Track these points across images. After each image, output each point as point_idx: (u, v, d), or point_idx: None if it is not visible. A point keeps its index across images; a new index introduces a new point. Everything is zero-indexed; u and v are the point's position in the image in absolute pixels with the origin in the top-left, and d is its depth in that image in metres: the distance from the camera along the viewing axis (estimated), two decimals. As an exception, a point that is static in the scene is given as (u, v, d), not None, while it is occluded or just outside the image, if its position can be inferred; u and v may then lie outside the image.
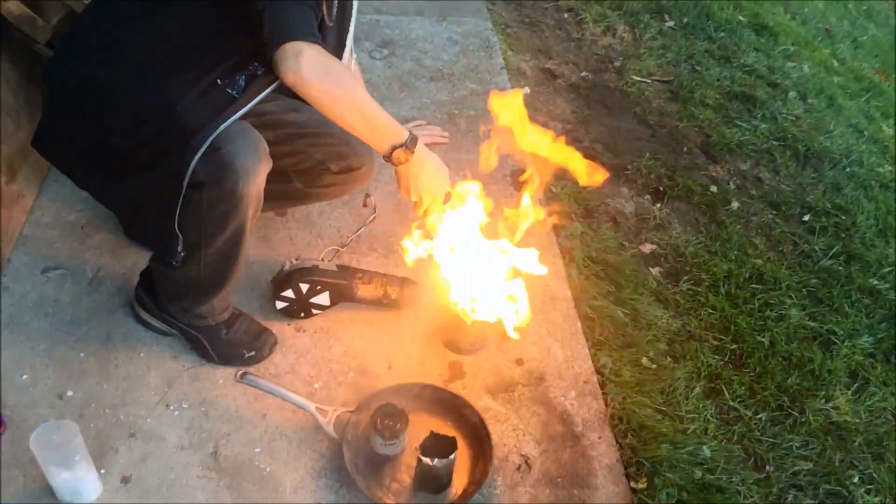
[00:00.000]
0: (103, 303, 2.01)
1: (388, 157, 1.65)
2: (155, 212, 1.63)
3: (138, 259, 1.96)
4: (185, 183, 1.53)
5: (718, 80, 3.54)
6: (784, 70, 3.77)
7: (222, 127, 1.53)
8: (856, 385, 2.30)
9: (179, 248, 1.66)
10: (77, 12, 2.26)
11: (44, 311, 1.97)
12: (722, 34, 3.91)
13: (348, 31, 1.92)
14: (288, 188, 2.04)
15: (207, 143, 1.51)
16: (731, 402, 2.17)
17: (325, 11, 1.71)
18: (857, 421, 2.20)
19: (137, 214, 1.87)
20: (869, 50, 4.76)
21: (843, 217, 2.92)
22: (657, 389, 2.14)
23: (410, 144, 1.63)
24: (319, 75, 1.47)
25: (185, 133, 1.52)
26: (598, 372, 2.10)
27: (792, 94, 3.60)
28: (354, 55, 2.16)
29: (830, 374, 2.31)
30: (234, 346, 1.91)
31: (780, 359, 2.33)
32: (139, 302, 1.93)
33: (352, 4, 1.90)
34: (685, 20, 3.95)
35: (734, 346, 2.34)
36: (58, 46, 1.70)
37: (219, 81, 1.58)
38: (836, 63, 4.19)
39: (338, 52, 1.89)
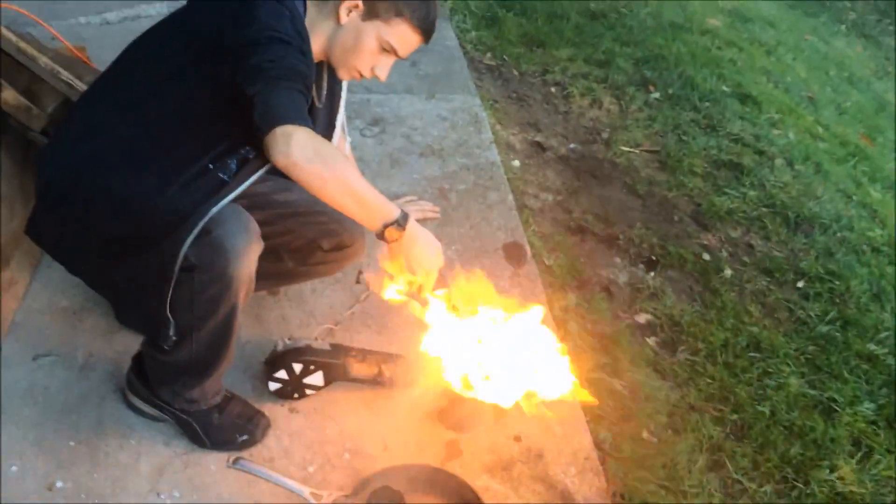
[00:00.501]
0: (94, 389, 1.98)
1: (380, 236, 1.63)
2: (146, 296, 1.63)
3: (130, 344, 1.94)
4: (177, 267, 1.53)
5: (705, 149, 3.60)
6: (770, 137, 3.84)
7: (214, 210, 1.54)
8: (860, 454, 2.27)
9: (171, 332, 1.65)
10: (72, 100, 2.30)
11: (34, 398, 1.95)
12: (707, 104, 3.98)
13: (338, 112, 1.96)
14: (280, 267, 2.04)
15: (199, 227, 1.52)
16: (734, 475, 2.13)
17: (314, 94, 1.75)
18: (863, 491, 2.16)
19: (129, 299, 1.86)
20: (853, 115, 4.87)
21: (837, 282, 2.93)
22: (659, 464, 2.10)
23: (402, 222, 1.61)
24: (309, 158, 1.46)
25: (176, 217, 1.53)
26: (598, 447, 2.07)
27: (779, 160, 3.65)
28: (348, 137, 2.19)
29: (833, 443, 2.28)
30: (227, 431, 1.88)
31: (781, 428, 2.30)
32: (130, 387, 1.91)
33: (341, 86, 1.95)
34: (670, 91, 4.03)
35: (735, 416, 2.31)
36: (50, 136, 1.72)
37: (210, 166, 1.60)
38: (821, 129, 4.27)
39: (328, 132, 1.92)
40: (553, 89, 3.90)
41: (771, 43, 5.43)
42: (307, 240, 1.98)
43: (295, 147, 1.44)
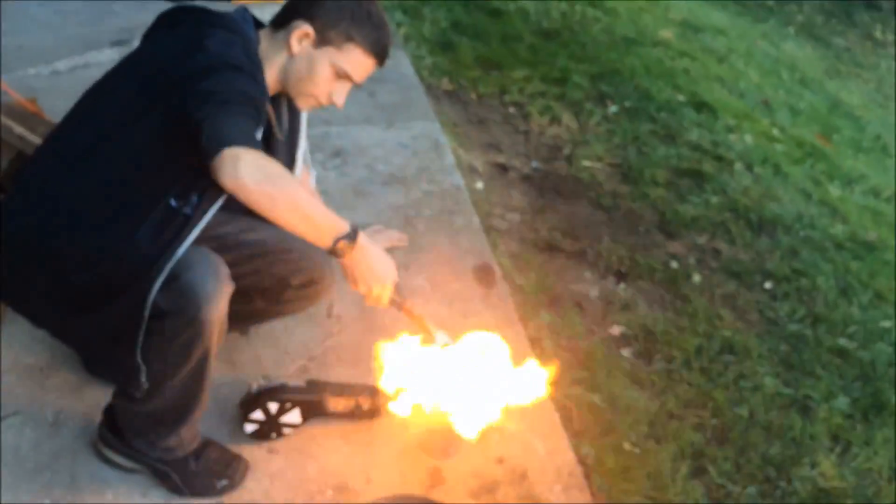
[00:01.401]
0: (66, 445, 1.94)
1: (332, 251, 1.60)
2: (116, 344, 1.60)
3: (100, 397, 1.91)
4: (146, 313, 1.52)
5: (666, 159, 3.64)
6: (728, 143, 3.90)
7: (180, 252, 1.53)
8: (838, 448, 2.29)
9: (143, 379, 1.63)
10: (26, 154, 2.28)
11: (4, 460, 1.89)
12: (664, 114, 4.04)
13: (298, 145, 1.96)
14: (250, 307, 2.02)
15: (166, 271, 1.51)
16: (717, 480, 2.14)
17: (273, 125, 1.74)
18: (845, 485, 2.18)
19: (99, 348, 1.83)
20: (808, 116, 4.97)
21: (804, 280, 2.97)
22: (643, 474, 2.11)
23: (353, 235, 1.59)
24: (257, 179, 1.43)
25: (144, 262, 1.52)
26: (582, 462, 2.07)
27: (738, 165, 3.71)
28: (312, 171, 2.18)
29: (812, 440, 2.30)
30: (206, 477, 1.84)
31: (760, 429, 2.32)
32: (103, 440, 1.87)
33: (300, 119, 1.95)
34: (627, 104, 4.08)
35: (714, 421, 2.33)
36: (6, 192, 1.71)
37: (173, 203, 1.57)
38: (777, 132, 4.35)
39: (289, 166, 1.91)
40: (512, 110, 3.93)
41: (722, 51, 5.54)
42: (277, 278, 1.96)
43: (243, 169, 1.41)
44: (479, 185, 3.25)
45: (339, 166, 3.13)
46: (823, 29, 7.53)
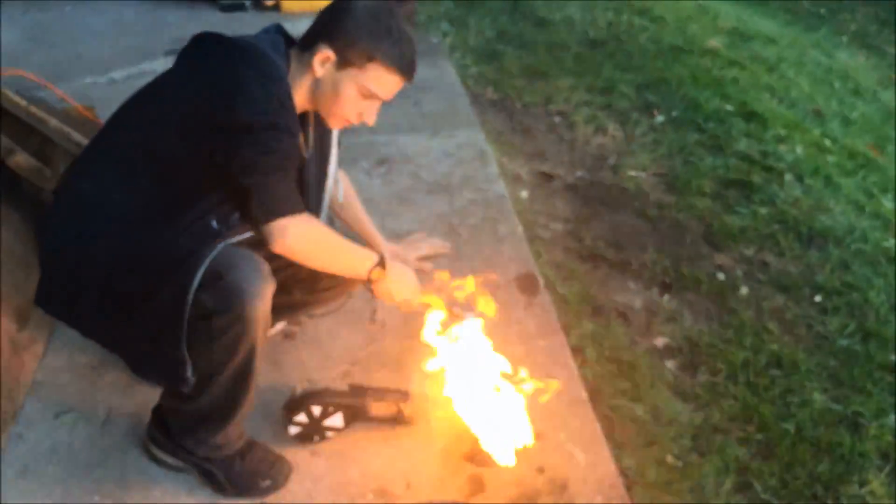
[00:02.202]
0: (117, 444, 2.00)
1: (369, 281, 1.82)
2: (162, 342, 1.63)
3: (149, 396, 1.96)
4: (189, 301, 1.55)
5: (713, 169, 3.60)
6: (777, 154, 3.84)
7: (221, 246, 1.59)
8: (888, 467, 2.23)
9: (189, 375, 1.66)
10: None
11: (57, 456, 1.96)
12: (711, 124, 3.99)
13: (329, 160, 1.98)
14: (290, 300, 2.05)
15: (207, 262, 1.56)
16: (763, 496, 2.10)
17: (301, 147, 1.79)
18: (895, 505, 2.12)
19: (145, 349, 1.86)
20: (860, 127, 4.85)
21: (855, 295, 2.90)
22: (686, 488, 2.08)
23: (381, 263, 1.81)
24: (302, 247, 1.66)
25: (185, 259, 1.56)
26: (623, 474, 2.05)
27: (788, 176, 3.64)
28: (341, 183, 2.19)
29: (862, 458, 2.25)
30: (250, 477, 1.88)
31: (808, 445, 2.27)
32: (152, 439, 1.92)
33: (331, 134, 1.96)
34: (674, 114, 4.05)
35: (760, 435, 2.29)
36: (48, 205, 1.76)
37: (214, 224, 1.65)
38: (828, 142, 4.26)
39: (319, 182, 1.95)
40: (557, 119, 3.93)
41: (773, 60, 5.45)
42: (311, 268, 1.99)
43: (290, 239, 1.63)
44: (524, 193, 3.25)
45: (384, 174, 3.16)
46: (877, 38, 7.36)
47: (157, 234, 1.61)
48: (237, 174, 1.58)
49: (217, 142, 1.56)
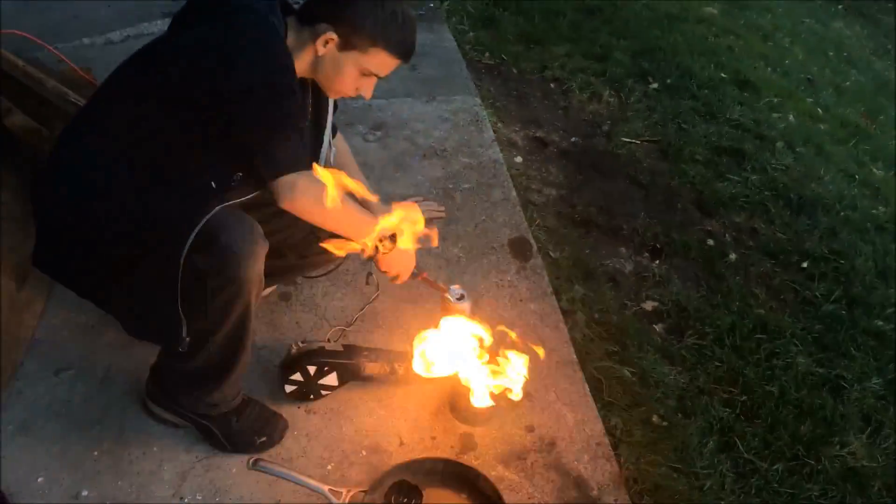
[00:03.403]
0: (115, 400, 2.03)
1: (373, 251, 1.88)
2: (157, 300, 1.66)
3: (148, 354, 1.98)
4: (183, 259, 1.56)
5: (706, 137, 3.62)
6: (770, 122, 3.86)
7: (217, 208, 1.60)
8: (870, 429, 2.30)
9: (184, 334, 1.69)
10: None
11: (57, 412, 2.00)
12: (705, 91, 4.01)
13: (325, 127, 2.00)
14: (283, 263, 2.09)
15: (200, 224, 1.56)
16: (745, 455, 2.16)
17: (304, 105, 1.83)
18: (874, 465, 2.19)
19: (141, 309, 1.88)
20: (853, 96, 4.87)
21: (842, 261, 2.95)
22: (670, 447, 2.14)
23: (393, 238, 1.88)
24: (310, 204, 1.66)
25: (180, 217, 1.58)
26: (610, 433, 2.10)
27: (780, 144, 3.67)
28: (333, 148, 2.21)
29: (843, 420, 2.31)
30: (246, 434, 1.92)
31: (791, 407, 2.33)
32: (150, 396, 1.96)
33: (327, 102, 1.98)
34: (668, 81, 4.06)
35: (744, 397, 2.34)
36: (42, 166, 1.77)
37: (213, 185, 1.67)
38: (820, 111, 4.29)
39: (315, 149, 1.97)
40: (552, 85, 3.93)
41: (768, 28, 5.45)
42: (305, 232, 2.02)
43: (298, 195, 1.64)
44: (518, 159, 3.27)
45: (380, 139, 3.17)
46: (872, 7, 7.34)
47: (152, 195, 1.62)
48: (242, 134, 1.60)
49: (219, 106, 1.57)
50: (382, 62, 1.74)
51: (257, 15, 1.64)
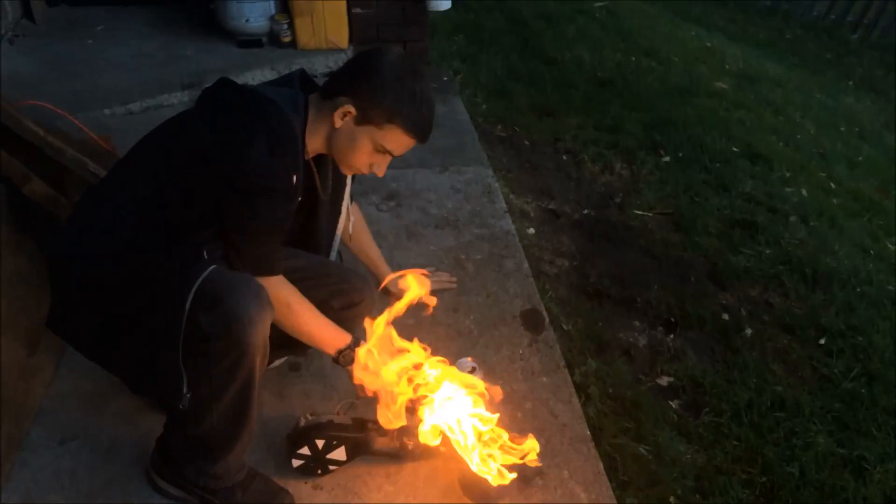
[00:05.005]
0: (120, 472, 2.00)
1: (336, 361, 1.91)
2: (159, 353, 1.64)
3: (154, 425, 1.96)
4: (189, 303, 1.55)
5: (719, 209, 3.62)
6: (783, 195, 3.86)
7: (213, 267, 1.61)
8: (893, 512, 2.23)
9: (185, 390, 1.66)
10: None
11: (61, 483, 1.96)
12: (717, 165, 4.03)
13: (343, 200, 2.03)
14: None
15: (210, 269, 1.59)
16: (766, 539, 2.09)
17: (318, 187, 1.87)
18: (900, 551, 2.11)
19: (143, 363, 1.86)
20: (866, 169, 4.88)
21: (860, 337, 2.91)
22: (688, 529, 2.07)
23: (354, 345, 1.89)
24: (275, 306, 1.67)
25: (181, 272, 1.59)
26: (625, 514, 2.05)
27: (793, 218, 3.66)
28: (352, 217, 2.24)
29: (865, 502, 2.23)
30: (251, 509, 1.88)
31: (812, 489, 2.26)
32: (155, 468, 1.92)
33: (345, 178, 2.02)
34: (680, 154, 4.08)
35: (763, 478, 2.28)
36: (62, 230, 1.80)
37: (205, 255, 1.69)
38: (833, 185, 4.29)
39: (332, 221, 2.00)
40: (564, 157, 3.96)
41: (779, 102, 5.50)
42: (318, 301, 2.01)
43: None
44: (530, 230, 3.28)
45: (393, 208, 3.19)
46: (883, 82, 7.42)
47: (155, 257, 1.65)
48: (229, 230, 1.68)
49: (218, 192, 1.63)
50: (397, 140, 1.77)
51: (276, 110, 1.67)
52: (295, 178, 1.68)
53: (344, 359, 1.90)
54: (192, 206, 1.67)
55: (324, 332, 1.89)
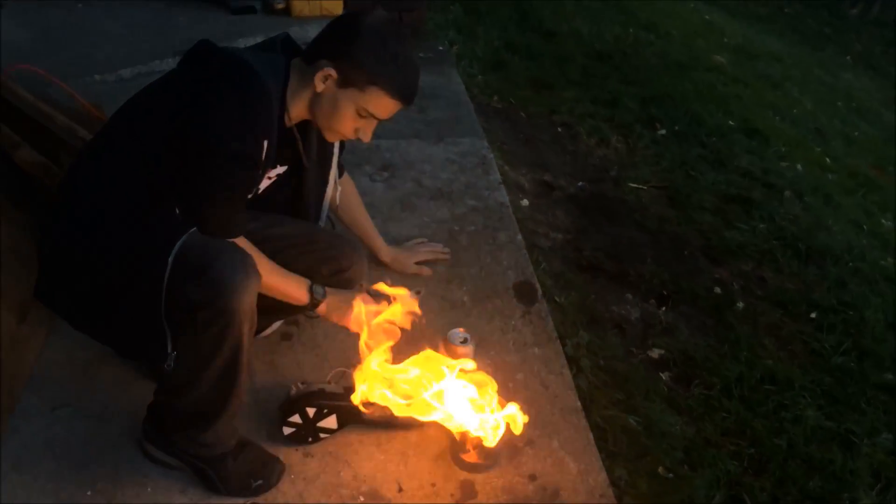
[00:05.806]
0: (111, 440, 2.00)
1: (312, 304, 1.90)
2: (143, 314, 1.64)
3: (146, 393, 1.96)
4: (168, 269, 1.55)
5: (714, 184, 3.62)
6: (778, 171, 3.86)
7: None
8: (879, 485, 2.24)
9: (170, 349, 1.67)
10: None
11: (52, 450, 1.97)
12: (714, 139, 4.02)
13: (330, 168, 2.00)
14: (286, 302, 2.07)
15: (189, 233, 1.59)
16: (753, 510, 2.11)
17: (302, 155, 1.85)
18: (886, 524, 2.13)
19: (128, 325, 1.82)
20: (862, 146, 4.88)
21: (851, 313, 2.92)
22: (676, 500, 2.09)
23: (318, 297, 1.90)
24: None
25: (164, 232, 1.60)
26: (614, 484, 2.05)
27: (788, 193, 3.66)
28: (339, 187, 2.21)
29: (853, 476, 2.25)
30: (242, 477, 1.88)
31: (800, 462, 2.28)
32: (146, 436, 1.93)
33: (332, 145, 1.99)
34: (677, 128, 4.07)
35: (752, 450, 2.30)
36: (53, 200, 1.79)
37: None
38: (829, 161, 4.29)
39: (320, 189, 1.98)
40: (560, 129, 3.95)
41: (777, 78, 5.48)
42: (306, 268, 2.00)
43: None
44: (525, 202, 3.27)
45: (387, 179, 3.18)
46: (882, 59, 7.40)
47: (137, 220, 1.64)
48: (185, 187, 1.65)
49: (182, 151, 1.60)
50: (381, 103, 1.73)
51: (251, 73, 1.64)
52: (266, 143, 1.65)
53: (315, 297, 1.90)
54: (168, 170, 1.63)
55: (291, 284, 1.88)
